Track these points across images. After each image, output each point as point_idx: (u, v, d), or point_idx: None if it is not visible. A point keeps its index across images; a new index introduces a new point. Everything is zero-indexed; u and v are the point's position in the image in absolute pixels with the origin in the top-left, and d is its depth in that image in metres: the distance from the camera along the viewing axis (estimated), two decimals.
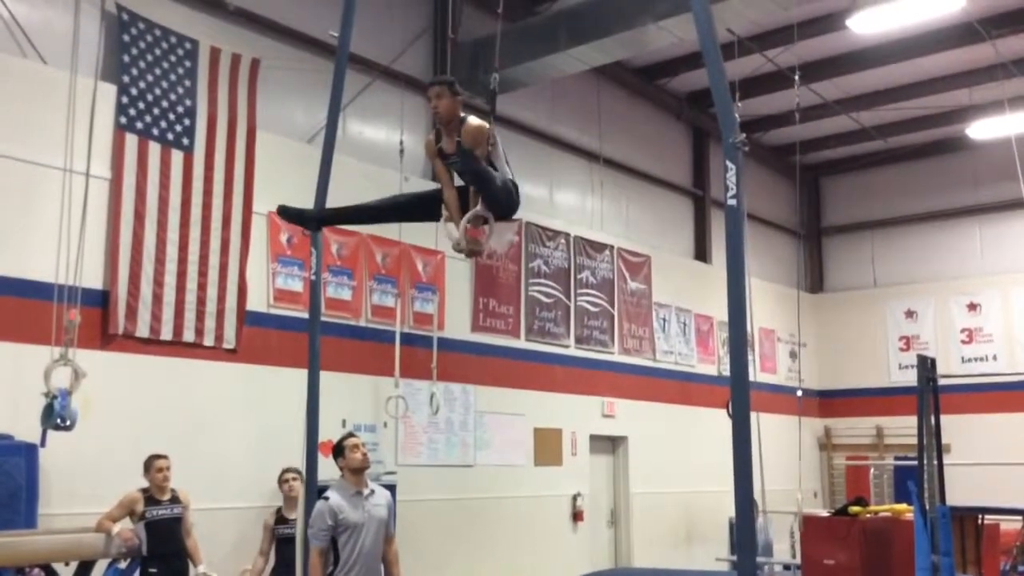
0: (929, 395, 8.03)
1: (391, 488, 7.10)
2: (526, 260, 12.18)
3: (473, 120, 5.14)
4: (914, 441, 8.15)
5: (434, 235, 10.01)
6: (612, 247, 13.69)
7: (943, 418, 8.22)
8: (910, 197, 17.66)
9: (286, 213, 6.03)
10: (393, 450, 10.08)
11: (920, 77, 14.34)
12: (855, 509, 9.30)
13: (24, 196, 7.43)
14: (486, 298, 11.56)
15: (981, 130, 15.26)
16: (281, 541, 7.89)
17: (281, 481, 8.16)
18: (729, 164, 4.40)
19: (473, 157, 4.86)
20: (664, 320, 14.58)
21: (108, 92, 7.92)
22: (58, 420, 6.26)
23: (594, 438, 12.94)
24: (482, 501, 11.05)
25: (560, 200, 13.30)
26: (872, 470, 16.31)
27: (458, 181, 5.25)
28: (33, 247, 7.24)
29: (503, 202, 5.06)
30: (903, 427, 14.39)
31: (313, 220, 6.07)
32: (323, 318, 7.24)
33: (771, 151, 17.17)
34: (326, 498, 5.67)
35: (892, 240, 17.95)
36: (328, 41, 9.18)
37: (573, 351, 12.81)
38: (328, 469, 6.58)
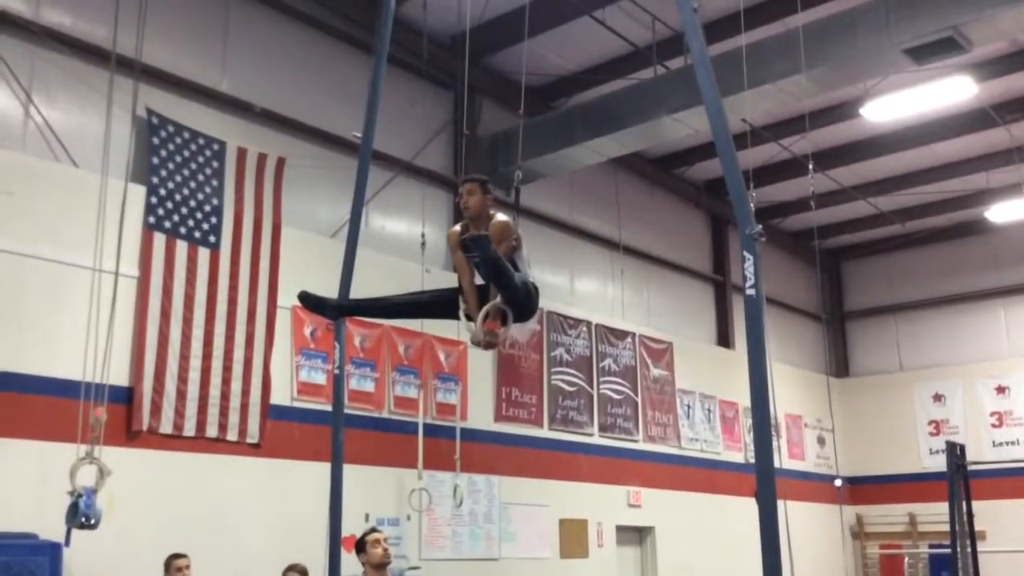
0: (959, 482, 7.92)
1: None
2: (548, 349, 12.19)
3: (501, 217, 5.27)
4: (949, 528, 8.00)
5: (456, 326, 9.91)
6: (634, 334, 13.69)
7: (977, 504, 8.10)
8: (933, 280, 17.61)
9: (307, 300, 5.98)
10: (417, 544, 9.95)
11: (936, 162, 14.46)
12: None
13: (53, 295, 7.58)
14: (508, 387, 11.54)
15: (1000, 213, 15.29)
16: None
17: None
18: (747, 255, 4.45)
19: (489, 243, 4.82)
20: (688, 407, 14.46)
21: (137, 193, 8.12)
22: (83, 519, 6.23)
23: (620, 529, 12.73)
24: None
25: (581, 288, 13.37)
26: (907, 559, 15.91)
27: (479, 279, 5.29)
28: (61, 345, 7.34)
29: (521, 300, 5.07)
30: (937, 514, 14.05)
31: (333, 309, 6.11)
32: (346, 410, 7.25)
33: (790, 236, 17.25)
34: None
35: (917, 323, 17.82)
36: (351, 140, 9.40)
37: (597, 439, 12.70)
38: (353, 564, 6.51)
